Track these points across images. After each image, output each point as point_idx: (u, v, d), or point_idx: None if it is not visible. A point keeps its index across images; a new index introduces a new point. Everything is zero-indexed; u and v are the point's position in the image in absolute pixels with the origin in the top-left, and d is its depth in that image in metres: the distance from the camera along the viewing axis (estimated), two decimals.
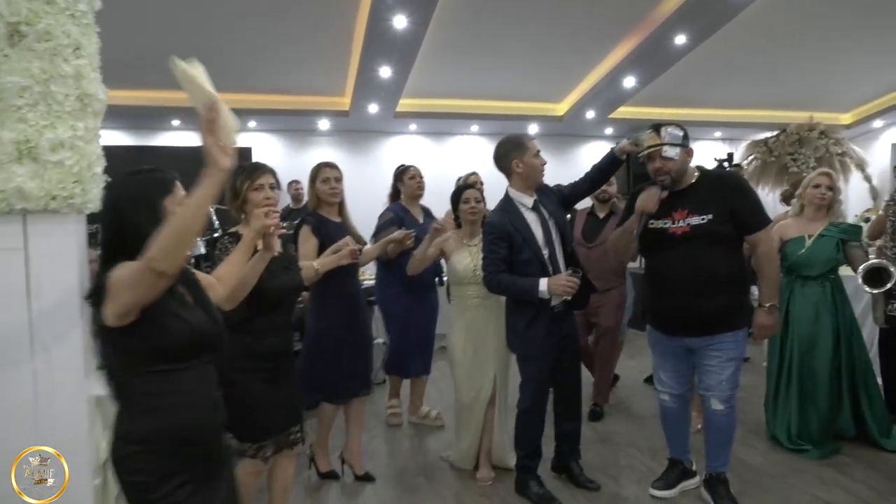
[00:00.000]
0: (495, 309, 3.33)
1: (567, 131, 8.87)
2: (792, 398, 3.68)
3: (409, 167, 4.34)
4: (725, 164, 8.27)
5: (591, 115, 8.30)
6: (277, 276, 2.44)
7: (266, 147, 8.36)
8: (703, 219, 2.80)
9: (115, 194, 1.73)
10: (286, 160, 8.06)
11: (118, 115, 7.26)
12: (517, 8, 5.80)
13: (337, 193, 3.26)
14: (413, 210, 4.28)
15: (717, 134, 9.67)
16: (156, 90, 6.88)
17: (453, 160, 8.80)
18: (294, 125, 8.31)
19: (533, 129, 8.75)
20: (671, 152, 2.81)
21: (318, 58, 6.62)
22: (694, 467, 3.26)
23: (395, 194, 4.36)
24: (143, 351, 1.58)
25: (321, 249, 3.08)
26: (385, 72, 6.59)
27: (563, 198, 3.30)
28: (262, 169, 2.56)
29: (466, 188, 3.51)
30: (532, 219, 3.08)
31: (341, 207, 3.33)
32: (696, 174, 2.94)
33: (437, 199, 4.46)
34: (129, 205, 1.66)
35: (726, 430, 3.00)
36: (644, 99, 7.86)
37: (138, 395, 1.59)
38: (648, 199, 2.85)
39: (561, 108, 8.40)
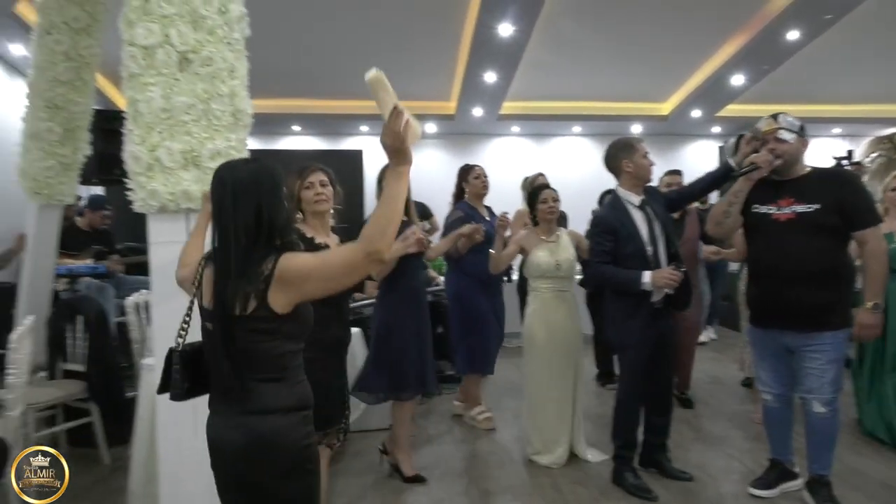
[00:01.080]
0: (570, 302, 3.62)
1: (672, 130, 8.75)
2: (888, 393, 3.62)
3: (473, 167, 4.36)
4: (845, 161, 7.88)
5: (696, 113, 8.16)
6: None
7: (376, 150, 8.76)
8: (809, 207, 2.80)
9: (250, 184, 1.67)
10: None
11: None
12: (620, 10, 5.87)
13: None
14: (479, 208, 4.30)
15: (836, 130, 9.19)
16: (279, 98, 7.52)
17: (555, 161, 8.94)
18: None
19: (636, 129, 8.72)
20: (786, 136, 2.86)
21: (426, 65, 6.98)
22: (796, 469, 3.22)
23: (459, 193, 4.37)
24: (296, 332, 1.69)
25: None
26: (490, 77, 6.85)
27: (669, 202, 3.44)
28: (311, 168, 2.66)
29: (544, 188, 3.71)
30: (638, 217, 3.22)
31: (406, 203, 3.46)
32: (808, 169, 2.95)
33: None
34: (268, 194, 1.66)
35: (829, 434, 2.96)
36: (754, 96, 7.64)
37: (288, 370, 1.68)
38: (762, 157, 2.88)
39: (665, 108, 8.31)
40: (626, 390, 3.28)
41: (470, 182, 4.27)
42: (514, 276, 5.33)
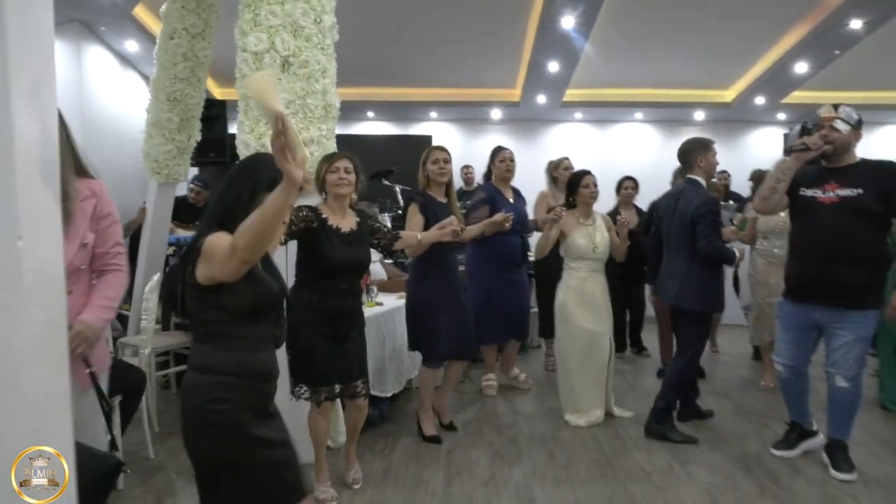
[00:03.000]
0: (602, 280, 3.92)
1: (735, 117, 8.81)
2: None
3: (501, 150, 4.46)
4: None
5: (760, 101, 8.21)
6: (337, 249, 2.77)
7: (444, 135, 9.29)
8: (853, 192, 2.98)
9: (258, 170, 1.77)
10: (462, 147, 8.92)
11: None
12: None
13: (445, 173, 3.51)
14: (504, 190, 4.41)
15: None
16: (355, 87, 8.09)
17: (617, 147, 9.18)
18: (469, 115, 9.17)
19: (699, 115, 8.84)
20: (841, 126, 3.04)
21: (493, 54, 7.38)
22: (815, 427, 3.43)
23: (489, 174, 4.52)
24: (227, 307, 1.72)
25: (427, 226, 3.37)
26: (553, 66, 7.19)
27: None
28: (338, 155, 2.91)
29: (586, 174, 3.91)
30: None
31: (448, 188, 3.57)
32: (858, 159, 3.11)
33: (601, 186, 4.38)
34: (267, 184, 1.68)
35: (850, 407, 3.14)
36: (819, 83, 7.63)
37: (223, 337, 1.74)
38: (813, 139, 3.06)
39: (729, 95, 8.40)
40: (699, 352, 3.72)
41: (496, 165, 4.41)
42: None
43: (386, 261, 5.05)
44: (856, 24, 6.10)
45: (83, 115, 5.66)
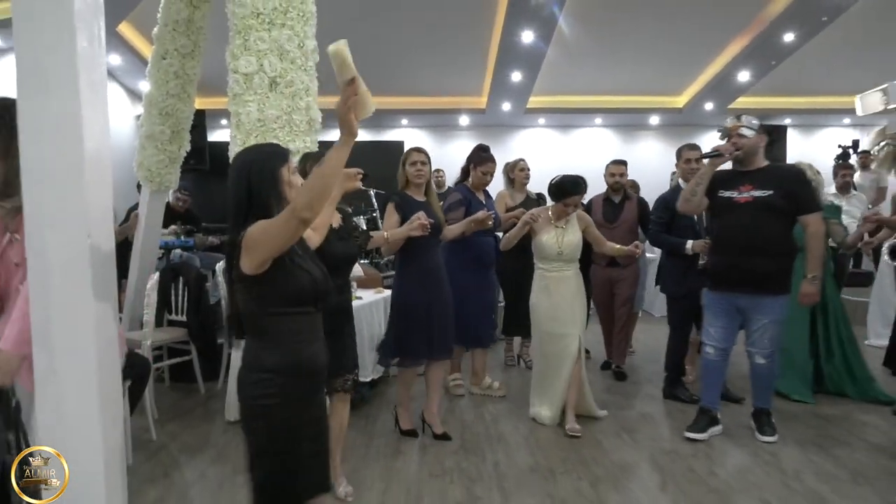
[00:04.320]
0: (571, 280, 3.80)
1: (687, 122, 9.45)
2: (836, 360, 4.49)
3: (486, 161, 4.41)
4: (850, 150, 8.42)
5: (709, 106, 8.84)
6: (333, 245, 2.71)
7: (415, 140, 9.73)
8: (765, 192, 3.34)
9: (244, 166, 1.82)
10: (432, 151, 9.22)
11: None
12: (633, 13, 6.66)
13: (422, 175, 3.52)
14: (477, 193, 4.43)
15: (846, 121, 9.69)
16: (325, 96, 8.46)
17: (579, 150, 9.72)
18: (439, 122, 9.65)
19: (654, 120, 9.44)
20: (746, 132, 3.42)
21: (459, 65, 7.88)
22: (719, 415, 3.67)
23: (464, 177, 4.51)
24: (273, 295, 1.76)
25: (403, 223, 3.35)
26: (516, 76, 7.70)
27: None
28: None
29: (575, 191, 3.73)
30: None
31: (427, 188, 3.59)
32: (766, 163, 3.48)
33: None
34: (256, 174, 1.78)
35: (768, 377, 3.56)
36: (764, 89, 8.29)
37: (269, 333, 1.79)
38: (724, 146, 3.45)
39: (680, 101, 9.02)
40: (682, 326, 4.32)
41: (477, 173, 4.38)
42: None
43: (362, 262, 5.35)
44: (788, 36, 6.70)
45: None
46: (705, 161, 3.54)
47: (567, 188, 3.73)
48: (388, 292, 4.29)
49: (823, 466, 3.20)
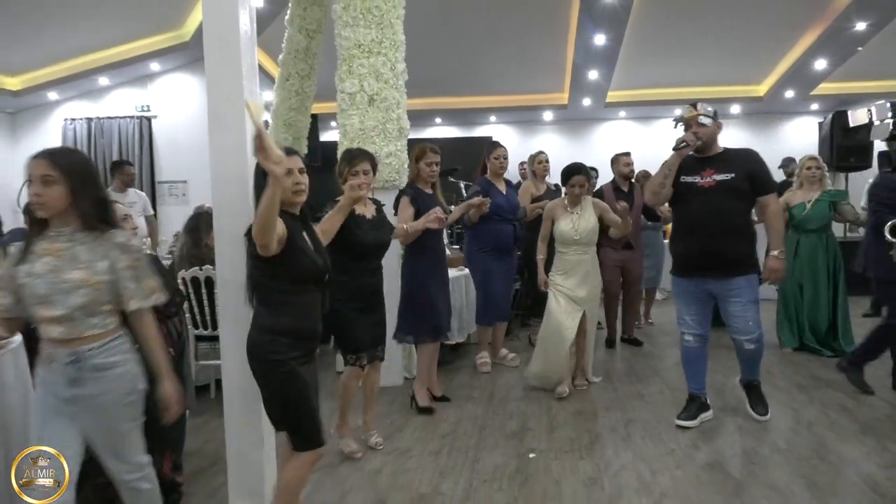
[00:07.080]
0: (587, 262, 4.11)
1: (769, 109, 9.61)
2: (802, 312, 4.87)
3: (497, 147, 4.69)
4: None
5: (790, 94, 8.97)
6: (368, 234, 3.02)
7: (502, 136, 10.40)
8: (727, 176, 3.33)
9: (258, 167, 2.05)
10: (519, 146, 10.03)
11: None
12: (704, 8, 7.07)
13: (434, 175, 3.75)
14: (497, 183, 4.67)
15: None
16: (425, 98, 9.35)
17: (661, 141, 10.03)
18: (524, 118, 10.33)
19: (735, 109, 9.63)
20: (705, 120, 3.39)
21: (541, 65, 8.58)
22: (709, 401, 3.67)
23: (483, 169, 4.76)
24: (280, 274, 2.10)
25: (417, 215, 3.58)
26: (593, 74, 8.29)
27: None
28: (359, 157, 3.01)
29: (577, 173, 4.08)
30: None
31: (433, 182, 3.84)
32: (722, 148, 3.48)
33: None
34: (260, 174, 2.08)
35: (757, 357, 3.54)
36: (844, 74, 8.37)
37: (275, 302, 2.13)
38: (688, 136, 3.40)
39: (761, 90, 9.19)
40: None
41: (490, 161, 4.66)
42: None
43: (453, 246, 5.85)
44: (860, 26, 6.87)
45: None
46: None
47: (571, 170, 4.12)
48: (467, 270, 4.82)
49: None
